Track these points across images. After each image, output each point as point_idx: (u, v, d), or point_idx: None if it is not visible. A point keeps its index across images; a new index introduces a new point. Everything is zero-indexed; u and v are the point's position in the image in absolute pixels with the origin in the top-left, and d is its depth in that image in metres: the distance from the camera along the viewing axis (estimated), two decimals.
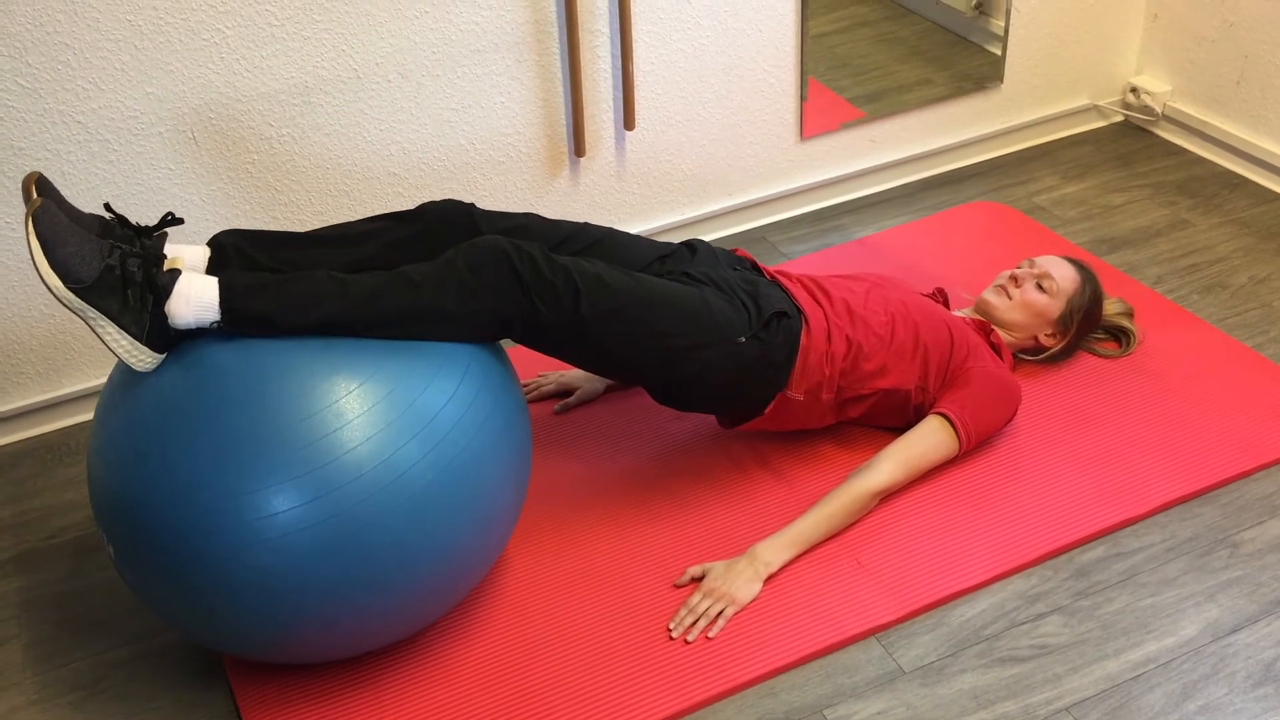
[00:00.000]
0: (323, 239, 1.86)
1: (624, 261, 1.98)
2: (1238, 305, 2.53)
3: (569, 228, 2.00)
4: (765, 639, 1.86)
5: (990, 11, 2.99)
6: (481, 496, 1.73)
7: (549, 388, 2.35)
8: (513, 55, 2.47)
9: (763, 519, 2.05)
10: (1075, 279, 2.29)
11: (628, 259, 2.00)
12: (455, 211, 1.92)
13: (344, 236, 1.87)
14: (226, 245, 1.80)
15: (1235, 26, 2.89)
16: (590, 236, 2.00)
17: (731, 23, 2.63)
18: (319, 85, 2.33)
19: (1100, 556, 1.99)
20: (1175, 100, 3.09)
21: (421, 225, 1.89)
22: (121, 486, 1.64)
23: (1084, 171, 3.02)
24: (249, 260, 1.79)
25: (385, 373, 1.65)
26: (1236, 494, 2.09)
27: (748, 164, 2.82)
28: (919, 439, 2.06)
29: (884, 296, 2.14)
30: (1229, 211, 2.83)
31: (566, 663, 1.84)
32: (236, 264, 1.78)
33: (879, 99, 2.94)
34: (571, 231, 2.00)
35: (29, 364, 2.35)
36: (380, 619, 1.71)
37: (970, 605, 1.92)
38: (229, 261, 1.78)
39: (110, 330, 1.62)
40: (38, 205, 1.57)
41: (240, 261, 1.79)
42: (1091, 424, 2.22)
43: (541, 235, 1.96)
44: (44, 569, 2.09)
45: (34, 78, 2.13)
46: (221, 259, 1.79)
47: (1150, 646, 1.84)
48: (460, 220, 1.91)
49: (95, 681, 1.88)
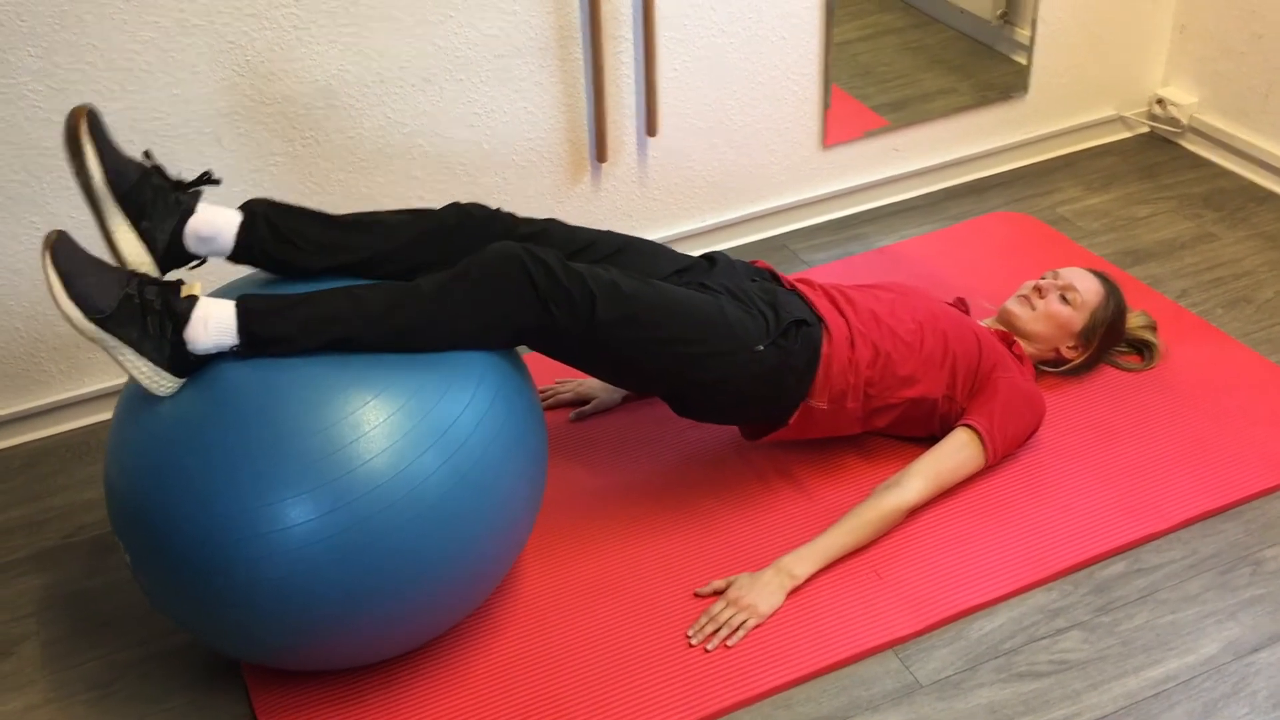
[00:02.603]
0: (349, 224, 1.86)
1: (643, 271, 1.97)
2: (1263, 320, 2.51)
3: (590, 235, 2.00)
4: (783, 650, 1.85)
5: (1016, 21, 2.97)
6: (498, 504, 1.72)
7: (566, 395, 2.35)
8: (536, 60, 2.47)
9: (782, 531, 2.04)
10: (1099, 291, 2.28)
11: (648, 268, 1.99)
12: (480, 214, 1.92)
13: (369, 225, 1.87)
14: (257, 214, 1.81)
15: (1263, 39, 2.87)
16: (611, 245, 2.00)
17: (756, 29, 2.63)
18: (343, 89, 2.34)
19: (1121, 572, 1.97)
20: (1202, 112, 3.07)
21: (445, 224, 1.89)
22: (139, 497, 1.65)
23: (1109, 183, 3.01)
24: (275, 232, 1.79)
25: (401, 383, 1.65)
26: (1260, 511, 2.07)
27: (770, 171, 2.82)
28: (948, 454, 2.05)
29: (911, 305, 2.13)
30: (1255, 225, 2.81)
31: (583, 669, 1.84)
32: (264, 233, 1.79)
33: (902, 107, 2.93)
34: (592, 239, 1.99)
35: (51, 362, 2.36)
36: (396, 627, 1.71)
37: (989, 619, 1.90)
38: (258, 230, 1.79)
39: (131, 358, 1.63)
40: (55, 238, 1.60)
41: (268, 232, 1.79)
42: (1113, 438, 2.20)
43: (562, 241, 1.95)
44: (62, 567, 2.10)
45: (61, 78, 2.14)
46: (251, 226, 1.79)
47: (1171, 664, 1.82)
48: (483, 223, 1.91)
49: (110, 681, 1.89)
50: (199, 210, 1.76)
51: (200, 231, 1.76)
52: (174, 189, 1.77)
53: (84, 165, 1.67)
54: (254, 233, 1.79)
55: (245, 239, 1.79)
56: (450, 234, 1.89)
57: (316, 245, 1.81)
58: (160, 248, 1.74)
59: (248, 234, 1.79)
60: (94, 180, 1.68)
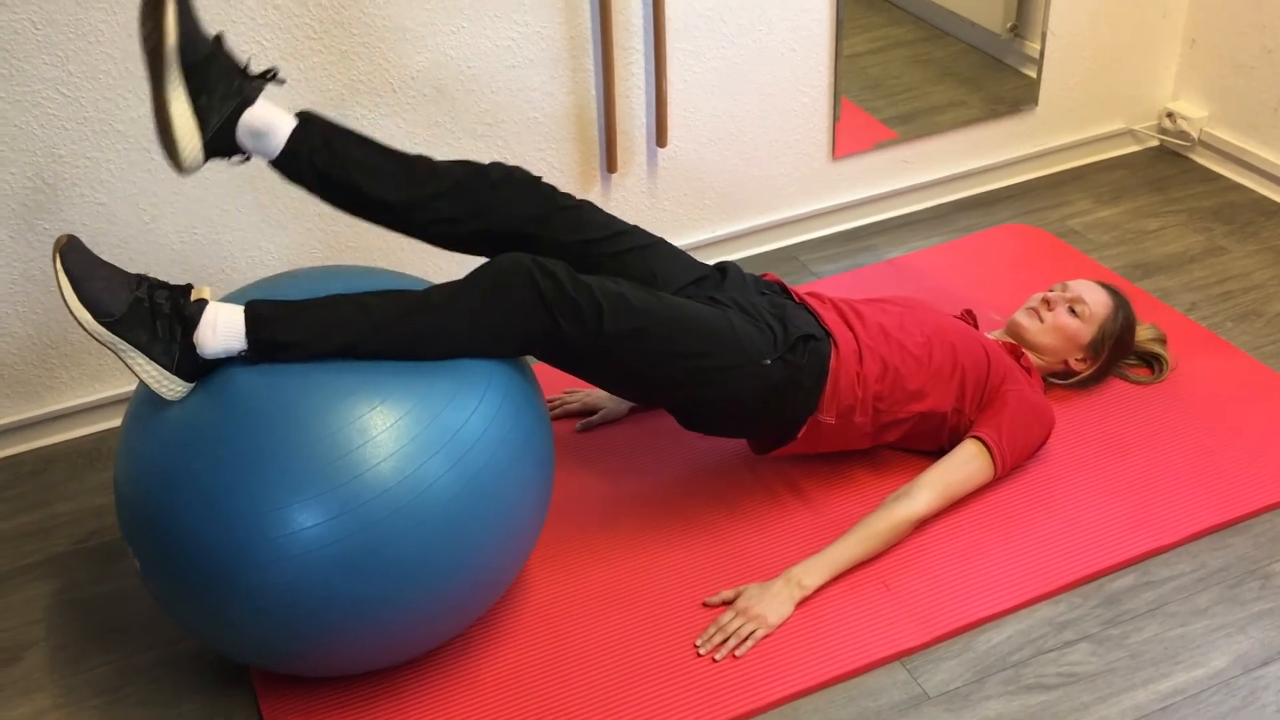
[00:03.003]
0: (399, 157, 1.87)
1: (665, 273, 1.98)
2: (1273, 334, 2.51)
3: (623, 225, 2.01)
4: (790, 660, 1.85)
5: (1025, 34, 2.98)
6: (505, 510, 1.73)
7: (573, 406, 2.35)
8: (547, 71, 2.48)
9: (791, 542, 2.04)
10: (1108, 304, 2.28)
11: (667, 272, 1.99)
12: (521, 177, 1.93)
13: (417, 162, 1.88)
14: (313, 122, 1.82)
15: (1274, 53, 2.87)
16: (641, 239, 2.00)
17: (766, 41, 2.64)
18: (354, 98, 2.35)
19: (1130, 585, 1.97)
20: (1212, 126, 3.07)
21: (489, 179, 1.91)
22: (147, 502, 1.65)
23: (1118, 196, 3.01)
24: (328, 145, 1.81)
25: (408, 388, 1.66)
26: (1269, 525, 2.06)
27: (779, 183, 2.82)
28: (957, 466, 2.05)
29: (919, 319, 2.13)
30: (1265, 239, 2.81)
31: (591, 678, 1.84)
32: (316, 143, 1.81)
33: (912, 120, 2.94)
34: (625, 229, 2.00)
35: (63, 368, 2.37)
36: (404, 633, 1.72)
37: (997, 631, 1.90)
38: (311, 138, 1.81)
39: (140, 361, 1.64)
40: (65, 242, 1.61)
41: (320, 142, 1.81)
42: (1122, 451, 2.20)
43: (596, 224, 1.96)
44: (71, 573, 2.11)
45: (75, 86, 2.15)
46: (304, 132, 1.81)
47: (1179, 677, 1.82)
48: (524, 186, 1.92)
49: (119, 686, 1.89)
50: (258, 103, 1.76)
51: (254, 125, 1.76)
52: (240, 75, 1.76)
53: (161, 24, 1.64)
54: (306, 140, 1.80)
55: (295, 145, 1.80)
56: (493, 188, 1.90)
57: (365, 169, 1.83)
58: (211, 128, 1.72)
59: (299, 140, 1.80)
60: (167, 42, 1.64)
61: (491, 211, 1.90)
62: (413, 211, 1.87)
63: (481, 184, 1.90)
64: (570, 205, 1.96)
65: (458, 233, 1.92)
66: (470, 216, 1.89)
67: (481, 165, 1.92)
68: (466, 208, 1.89)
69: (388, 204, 1.86)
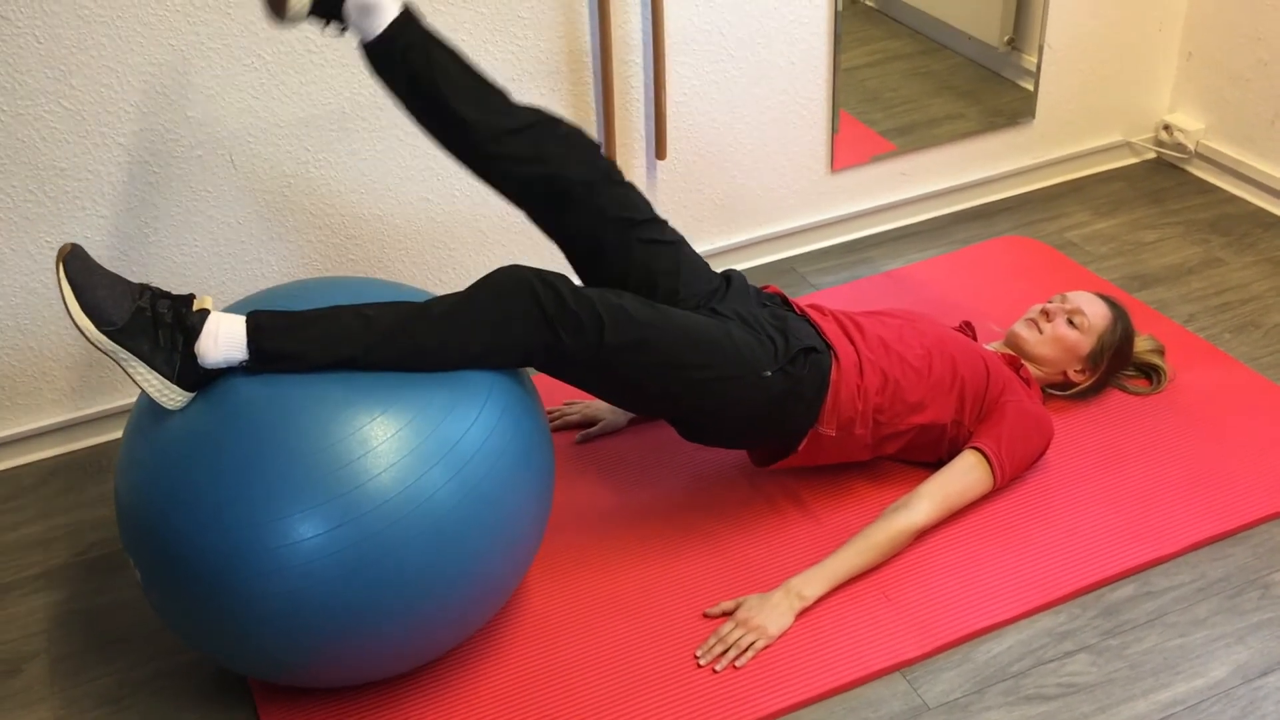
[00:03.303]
0: (483, 83, 1.91)
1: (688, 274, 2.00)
2: (1271, 345, 2.52)
3: (660, 217, 2.03)
4: (790, 672, 1.85)
5: (1023, 47, 2.99)
6: (505, 521, 1.73)
7: (573, 417, 2.36)
8: (547, 84, 2.49)
9: (791, 553, 2.04)
10: (1107, 315, 2.29)
11: (690, 273, 2.01)
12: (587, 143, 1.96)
13: (497, 96, 1.91)
14: (415, 19, 1.86)
15: (1269, 65, 2.88)
16: (671, 235, 2.03)
17: (764, 55, 2.65)
18: (355, 111, 2.36)
19: (1129, 595, 1.97)
20: (1208, 138, 3.09)
21: (556, 132, 1.94)
22: (148, 513, 1.66)
23: (1116, 208, 3.02)
24: (425, 45, 1.86)
25: (408, 399, 1.67)
26: (1268, 535, 2.07)
27: (778, 195, 2.83)
28: (956, 476, 2.05)
29: (919, 330, 2.13)
30: (1263, 250, 2.82)
31: (591, 688, 1.84)
32: (414, 39, 1.84)
33: (910, 132, 2.95)
34: (662, 221, 2.02)
35: (63, 380, 2.38)
36: (404, 644, 1.72)
37: (997, 642, 1.90)
38: (410, 33, 1.85)
39: (141, 370, 1.64)
40: (68, 250, 1.61)
41: (418, 39, 1.85)
42: (1121, 462, 2.20)
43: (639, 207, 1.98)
44: (72, 585, 2.11)
45: (77, 100, 2.16)
46: (406, 25, 1.84)
47: (1179, 688, 1.82)
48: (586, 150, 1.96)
49: (120, 698, 1.89)
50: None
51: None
52: None
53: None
54: (404, 34, 1.84)
55: (394, 33, 1.83)
56: (560, 140, 1.93)
57: (453, 82, 1.87)
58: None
59: (398, 31, 1.83)
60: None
61: (554, 161, 1.92)
62: (485, 140, 1.90)
63: (552, 133, 1.94)
64: (621, 182, 1.98)
65: (517, 173, 1.94)
66: (534, 160, 1.92)
67: (555, 116, 1.96)
68: (533, 151, 1.92)
69: (466, 122, 1.88)
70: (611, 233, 1.94)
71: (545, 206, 1.96)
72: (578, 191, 1.94)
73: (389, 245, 2.51)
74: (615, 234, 1.95)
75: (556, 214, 1.97)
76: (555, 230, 2.00)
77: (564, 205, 1.92)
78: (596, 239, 1.97)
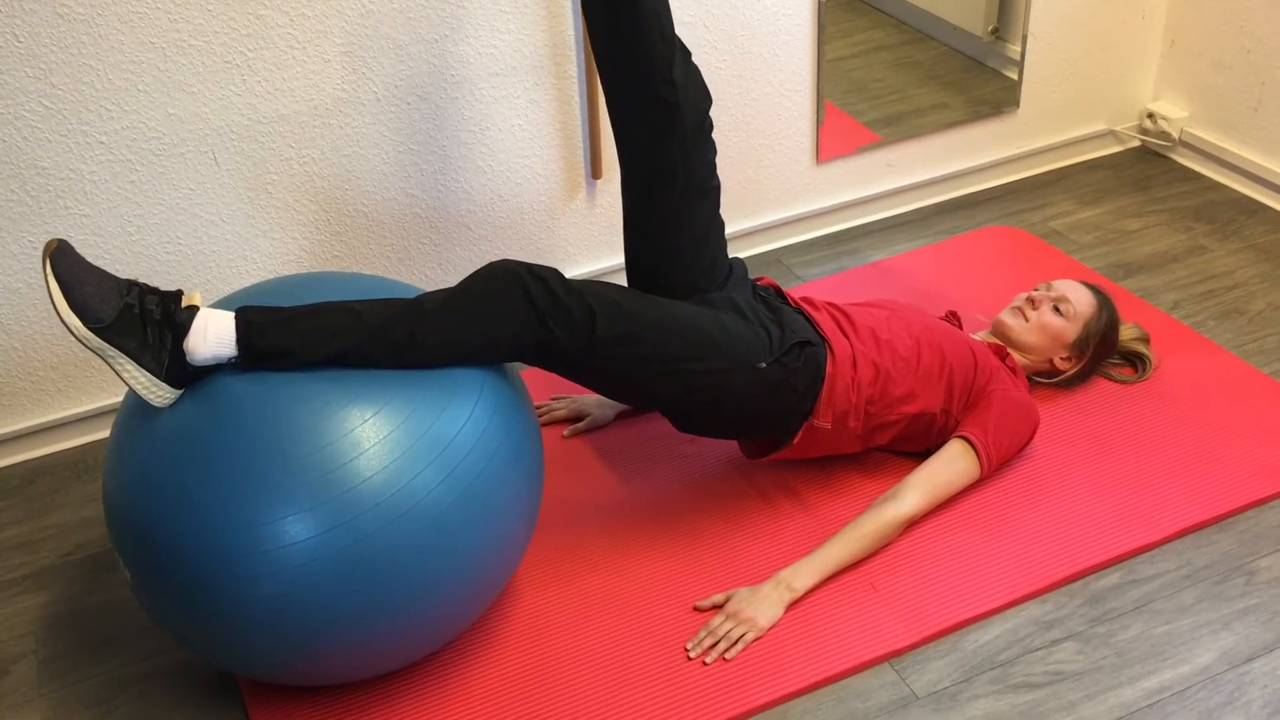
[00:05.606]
0: None
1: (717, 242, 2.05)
2: (1255, 331, 2.53)
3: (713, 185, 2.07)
4: (779, 663, 1.85)
5: (1007, 37, 2.99)
6: (496, 519, 1.73)
7: (561, 412, 2.36)
8: (531, 78, 2.48)
9: (781, 545, 2.05)
10: (1092, 303, 2.29)
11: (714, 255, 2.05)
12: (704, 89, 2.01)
13: None
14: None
15: (1252, 53, 2.89)
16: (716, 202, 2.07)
17: (748, 46, 2.65)
18: (339, 107, 2.35)
19: (1115, 583, 1.98)
20: (1192, 126, 3.09)
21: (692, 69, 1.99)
22: (138, 514, 1.65)
23: (1100, 196, 3.02)
24: None
25: (400, 400, 1.66)
26: (1253, 521, 2.08)
27: (763, 187, 2.83)
28: (944, 466, 2.06)
29: (907, 321, 2.14)
30: (1247, 237, 2.83)
31: (581, 683, 1.84)
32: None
33: (895, 123, 2.95)
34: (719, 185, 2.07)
35: (49, 380, 2.37)
36: (395, 642, 1.72)
37: (985, 631, 1.91)
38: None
39: (129, 368, 1.63)
40: (55, 246, 1.60)
41: None
42: (1107, 450, 2.21)
43: (711, 166, 2.03)
44: (60, 586, 2.10)
45: (58, 99, 2.15)
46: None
47: (1166, 674, 1.83)
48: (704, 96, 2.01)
49: (109, 699, 1.89)
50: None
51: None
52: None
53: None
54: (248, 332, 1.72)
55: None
56: (690, 75, 1.97)
57: None
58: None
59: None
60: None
61: (691, 87, 1.97)
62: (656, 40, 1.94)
63: (689, 61, 1.99)
64: (710, 135, 2.03)
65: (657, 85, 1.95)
66: (683, 85, 1.95)
67: (688, 51, 2.00)
68: (684, 77, 1.95)
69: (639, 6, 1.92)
70: (685, 170, 1.98)
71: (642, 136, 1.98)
72: (691, 119, 1.97)
73: (375, 241, 2.51)
74: (687, 172, 1.98)
75: (662, 133, 1.98)
76: (643, 146, 2.00)
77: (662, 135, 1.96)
78: (674, 170, 1.98)
